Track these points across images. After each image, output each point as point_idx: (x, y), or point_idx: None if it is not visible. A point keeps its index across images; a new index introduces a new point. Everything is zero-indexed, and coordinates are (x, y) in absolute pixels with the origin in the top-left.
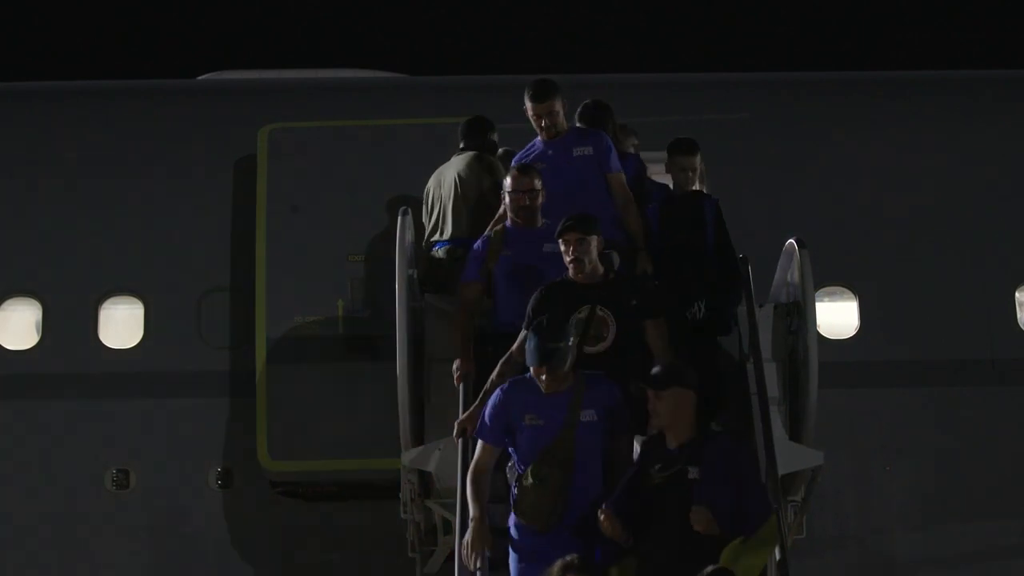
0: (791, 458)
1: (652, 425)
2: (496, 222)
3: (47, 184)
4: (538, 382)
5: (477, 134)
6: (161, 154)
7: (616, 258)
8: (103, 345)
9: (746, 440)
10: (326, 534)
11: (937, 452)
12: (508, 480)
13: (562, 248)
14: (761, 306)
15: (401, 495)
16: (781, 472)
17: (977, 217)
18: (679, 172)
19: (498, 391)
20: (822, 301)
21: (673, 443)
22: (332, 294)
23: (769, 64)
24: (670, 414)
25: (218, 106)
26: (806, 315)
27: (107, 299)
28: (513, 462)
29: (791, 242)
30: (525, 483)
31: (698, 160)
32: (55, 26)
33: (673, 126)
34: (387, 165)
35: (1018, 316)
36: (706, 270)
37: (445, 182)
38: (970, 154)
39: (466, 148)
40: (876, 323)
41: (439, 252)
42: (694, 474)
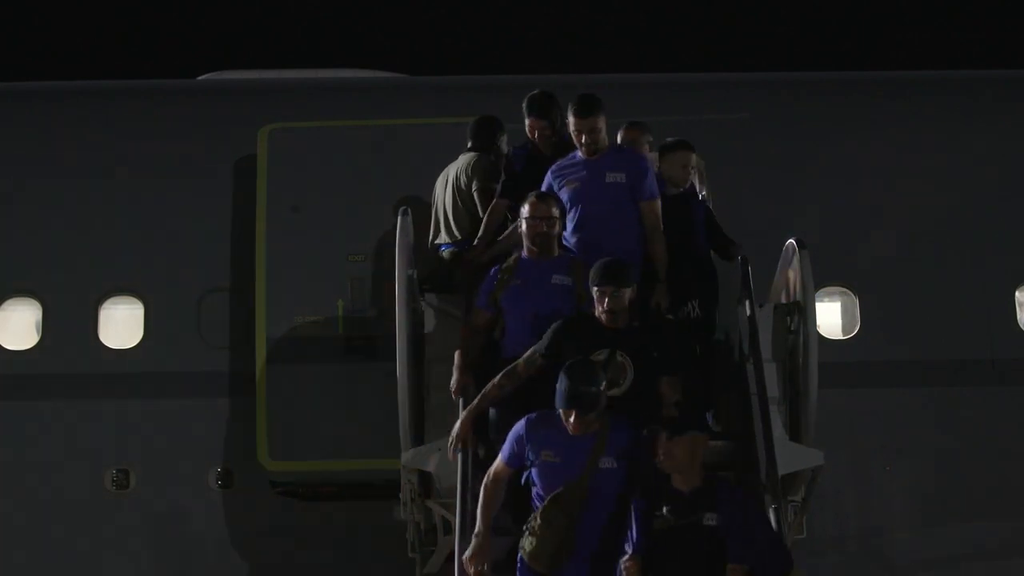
0: (791, 458)
1: (664, 468)
2: (507, 237)
3: (47, 184)
4: (564, 423)
5: (485, 135)
6: (161, 154)
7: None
8: (103, 345)
9: (751, 491)
10: (326, 534)
11: (937, 452)
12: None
13: (596, 295)
14: (761, 306)
15: (401, 495)
16: (781, 472)
17: (977, 217)
18: (679, 169)
19: (523, 420)
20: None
21: (683, 486)
22: (332, 294)
23: (769, 64)
24: (686, 458)
25: (218, 106)
26: (806, 315)
27: (107, 299)
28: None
29: (791, 242)
30: (533, 523)
31: (694, 158)
32: (55, 26)
33: (673, 126)
34: (387, 165)
35: (1018, 316)
36: (699, 270)
37: (448, 183)
38: (970, 154)
39: (472, 148)
40: (876, 323)
41: (444, 254)
42: (710, 520)
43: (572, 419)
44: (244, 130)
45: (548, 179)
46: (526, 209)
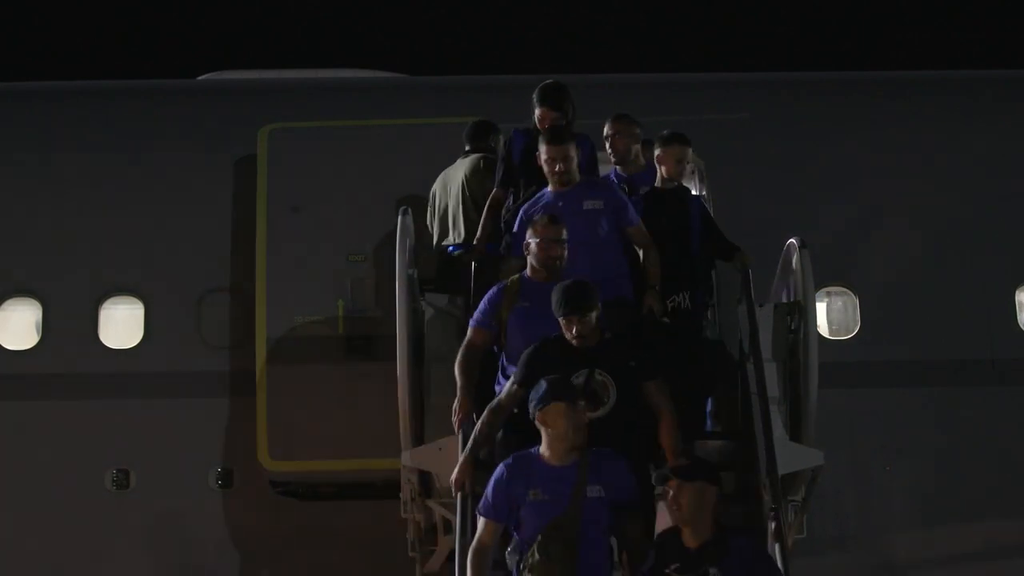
0: (791, 458)
1: (672, 519)
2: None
3: (47, 184)
4: (544, 447)
5: (482, 137)
6: (161, 154)
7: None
8: (103, 345)
9: (763, 543)
10: (326, 534)
11: (937, 452)
12: (508, 565)
13: (563, 324)
14: (761, 306)
15: (401, 495)
16: (781, 472)
17: (977, 217)
18: (674, 163)
19: (501, 466)
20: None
21: (692, 542)
22: (332, 294)
23: (769, 64)
24: (693, 508)
25: (218, 106)
26: (806, 315)
27: (107, 299)
28: (515, 543)
29: (791, 242)
30: (531, 559)
31: (690, 154)
32: (55, 26)
33: (673, 126)
34: (387, 165)
35: (1019, 317)
36: (693, 261)
37: (452, 185)
38: (970, 154)
39: (472, 151)
40: (876, 323)
41: (456, 255)
42: (715, 574)
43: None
44: (244, 130)
45: (520, 219)
46: (538, 231)
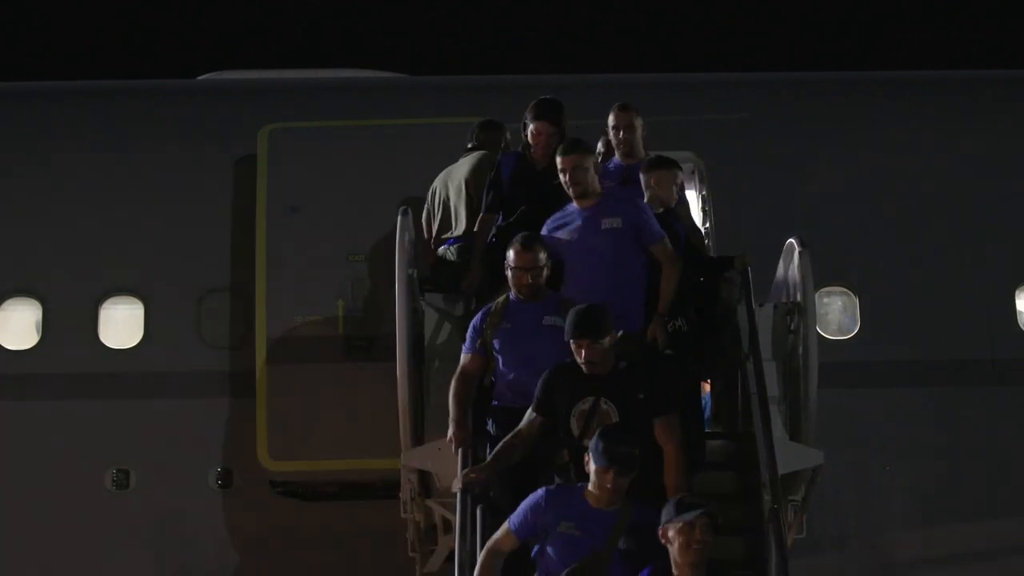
0: (791, 458)
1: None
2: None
3: (47, 184)
4: (600, 486)
5: (488, 135)
6: (161, 154)
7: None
8: (103, 345)
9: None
10: (326, 534)
11: (937, 452)
12: None
13: (573, 347)
14: (761, 306)
15: (401, 495)
16: (781, 472)
17: (977, 217)
18: (665, 189)
19: (543, 490)
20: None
21: None
22: (332, 294)
23: (769, 64)
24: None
25: (218, 106)
26: (806, 315)
27: (107, 299)
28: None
29: (791, 242)
30: None
31: (680, 175)
32: (55, 26)
33: (673, 126)
34: (387, 165)
35: (1019, 318)
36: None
37: (453, 182)
38: (970, 154)
39: (475, 148)
40: (876, 323)
41: (450, 250)
42: None
43: (610, 481)
44: (244, 130)
45: (544, 230)
46: (511, 256)
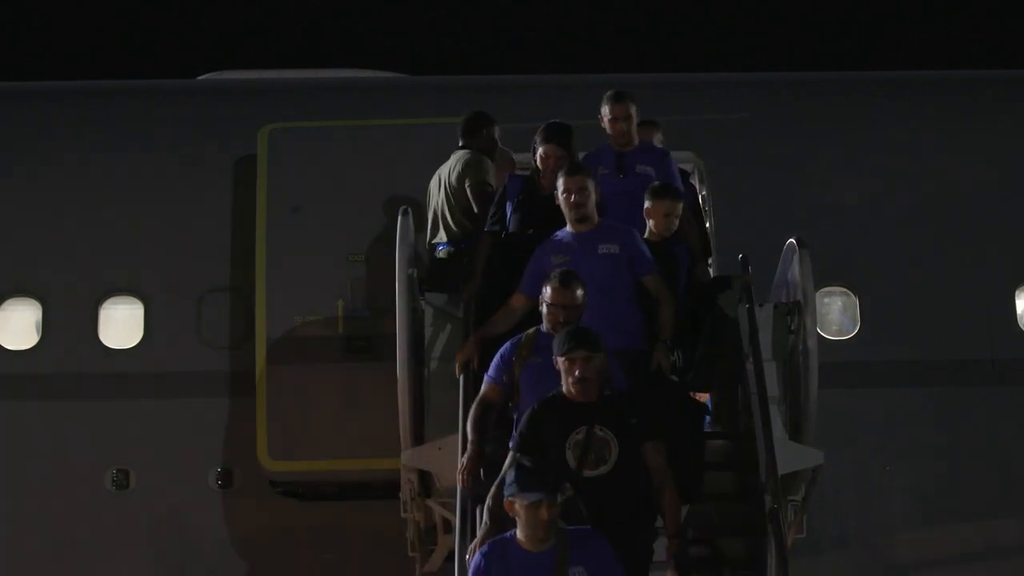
0: (791, 458)
1: None
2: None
3: (47, 184)
4: (521, 530)
5: (474, 131)
6: (161, 154)
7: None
8: (103, 345)
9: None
10: (326, 534)
11: (937, 452)
12: None
13: (564, 366)
14: (761, 306)
15: (401, 495)
16: (781, 472)
17: (977, 217)
18: (663, 218)
19: (478, 555)
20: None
21: None
22: (332, 294)
23: (769, 64)
24: None
25: (218, 106)
26: (806, 315)
27: (107, 299)
28: None
29: (791, 242)
30: None
31: (680, 206)
32: (55, 26)
33: (673, 126)
34: (387, 165)
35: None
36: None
37: (440, 182)
38: (970, 154)
39: (464, 147)
40: (876, 323)
41: (441, 253)
42: None
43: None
44: (244, 130)
45: (538, 253)
46: (547, 294)
